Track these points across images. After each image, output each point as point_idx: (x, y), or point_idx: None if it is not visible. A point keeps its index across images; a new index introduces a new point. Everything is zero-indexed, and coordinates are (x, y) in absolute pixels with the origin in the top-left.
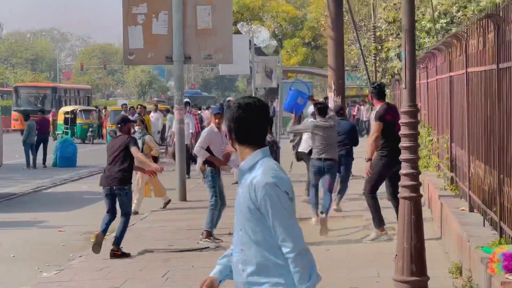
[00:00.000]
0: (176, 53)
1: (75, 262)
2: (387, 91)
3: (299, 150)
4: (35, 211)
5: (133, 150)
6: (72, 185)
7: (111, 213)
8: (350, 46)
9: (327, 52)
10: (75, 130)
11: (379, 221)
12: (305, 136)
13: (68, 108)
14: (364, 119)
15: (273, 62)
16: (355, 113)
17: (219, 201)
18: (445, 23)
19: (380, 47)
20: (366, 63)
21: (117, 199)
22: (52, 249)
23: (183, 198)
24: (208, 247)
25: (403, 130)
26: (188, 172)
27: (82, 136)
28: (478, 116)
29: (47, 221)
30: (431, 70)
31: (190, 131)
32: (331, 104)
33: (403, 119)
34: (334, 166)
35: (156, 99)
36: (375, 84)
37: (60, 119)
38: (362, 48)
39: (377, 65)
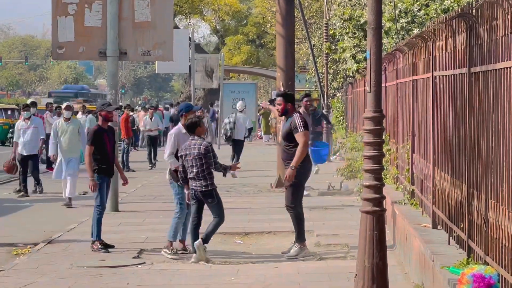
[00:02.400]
0: (111, 48)
1: None
2: (338, 94)
3: None
4: None
5: None
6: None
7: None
8: (298, 45)
9: (272, 51)
10: None
11: (303, 235)
12: None
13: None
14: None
15: (215, 60)
16: None
17: (185, 210)
18: (406, 22)
19: (334, 47)
20: (317, 64)
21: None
22: None
23: (115, 208)
24: (144, 263)
25: (367, 138)
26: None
27: (1, 137)
28: (444, 124)
29: None
30: (390, 73)
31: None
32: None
33: (366, 125)
34: None
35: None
36: (287, 90)
37: None
38: (313, 47)
39: (328, 66)
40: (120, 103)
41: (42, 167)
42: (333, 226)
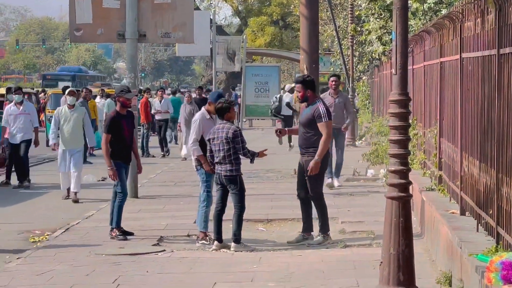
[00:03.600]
0: (130, 30)
1: (13, 265)
2: (364, 78)
3: None
4: None
5: None
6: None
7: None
8: (323, 26)
9: (296, 32)
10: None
11: (328, 224)
12: None
13: (1, 91)
14: None
15: (237, 43)
16: None
17: (212, 197)
18: (433, 3)
19: (359, 29)
20: (342, 46)
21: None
22: None
23: (135, 194)
24: (164, 250)
25: (392, 122)
26: None
27: None
28: (473, 107)
29: None
30: (417, 55)
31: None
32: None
33: (392, 109)
34: None
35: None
36: (306, 76)
37: None
38: (338, 29)
39: (353, 48)
40: (141, 87)
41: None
42: (358, 213)
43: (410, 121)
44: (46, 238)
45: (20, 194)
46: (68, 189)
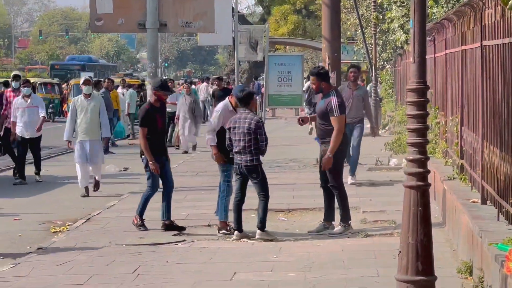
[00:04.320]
0: (150, 20)
1: (33, 255)
2: (387, 66)
3: None
4: None
5: None
6: (30, 168)
7: None
8: (346, 15)
9: (319, 21)
10: None
11: (349, 214)
12: None
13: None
14: None
15: (259, 32)
16: None
17: (232, 187)
18: None
19: (381, 17)
20: (365, 35)
21: None
22: (6, 240)
23: None
24: (184, 240)
25: (410, 110)
26: None
27: None
28: (494, 95)
29: (1, 209)
30: (439, 43)
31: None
32: None
33: (410, 97)
34: None
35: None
36: (321, 69)
37: None
38: (361, 17)
39: (377, 37)
40: (165, 77)
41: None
42: (380, 202)
43: (433, 110)
44: (67, 228)
45: (42, 185)
46: (87, 188)
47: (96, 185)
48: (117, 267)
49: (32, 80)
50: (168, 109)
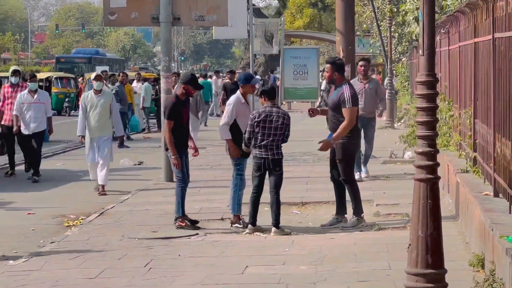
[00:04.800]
0: (164, 13)
1: (46, 249)
2: (403, 59)
3: None
4: (1, 191)
5: None
6: (44, 162)
7: None
8: (362, 7)
9: (335, 14)
10: (50, 101)
11: (361, 207)
12: None
13: (43, 75)
14: None
15: (274, 25)
16: None
17: (245, 180)
18: None
19: (396, 10)
20: (380, 28)
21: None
22: (20, 234)
23: (170, 178)
24: (197, 234)
25: (419, 103)
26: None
27: (57, 107)
28: (505, 87)
29: (15, 202)
30: (453, 35)
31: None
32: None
33: (419, 90)
34: None
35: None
36: (337, 59)
37: None
38: (376, 10)
39: (392, 30)
40: (181, 70)
41: None
42: (394, 196)
43: (446, 102)
44: (80, 222)
45: (56, 179)
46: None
47: (102, 190)
48: (129, 261)
49: (48, 74)
50: None
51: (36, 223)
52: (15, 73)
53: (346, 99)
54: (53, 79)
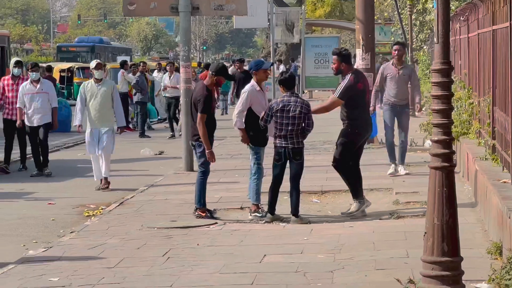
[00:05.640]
0: (183, 3)
1: (66, 238)
2: (425, 47)
3: None
4: (22, 181)
5: None
6: (65, 152)
7: None
8: None
9: (355, 2)
10: (72, 91)
11: (358, 191)
12: None
13: (65, 66)
14: None
15: (295, 14)
16: None
17: (263, 170)
18: None
19: None
20: (401, 16)
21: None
22: (40, 224)
23: (190, 167)
24: (216, 223)
25: (435, 91)
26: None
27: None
28: None
29: (36, 193)
30: (472, 23)
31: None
32: (358, 63)
33: (434, 78)
34: None
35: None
36: (343, 50)
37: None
38: None
39: (413, 18)
40: (205, 60)
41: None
42: (413, 184)
43: (466, 90)
44: (100, 212)
45: (76, 169)
46: (102, 180)
47: (105, 183)
48: (148, 250)
49: (70, 64)
50: (166, 94)
51: (56, 213)
52: (18, 64)
53: (339, 87)
54: (75, 69)
